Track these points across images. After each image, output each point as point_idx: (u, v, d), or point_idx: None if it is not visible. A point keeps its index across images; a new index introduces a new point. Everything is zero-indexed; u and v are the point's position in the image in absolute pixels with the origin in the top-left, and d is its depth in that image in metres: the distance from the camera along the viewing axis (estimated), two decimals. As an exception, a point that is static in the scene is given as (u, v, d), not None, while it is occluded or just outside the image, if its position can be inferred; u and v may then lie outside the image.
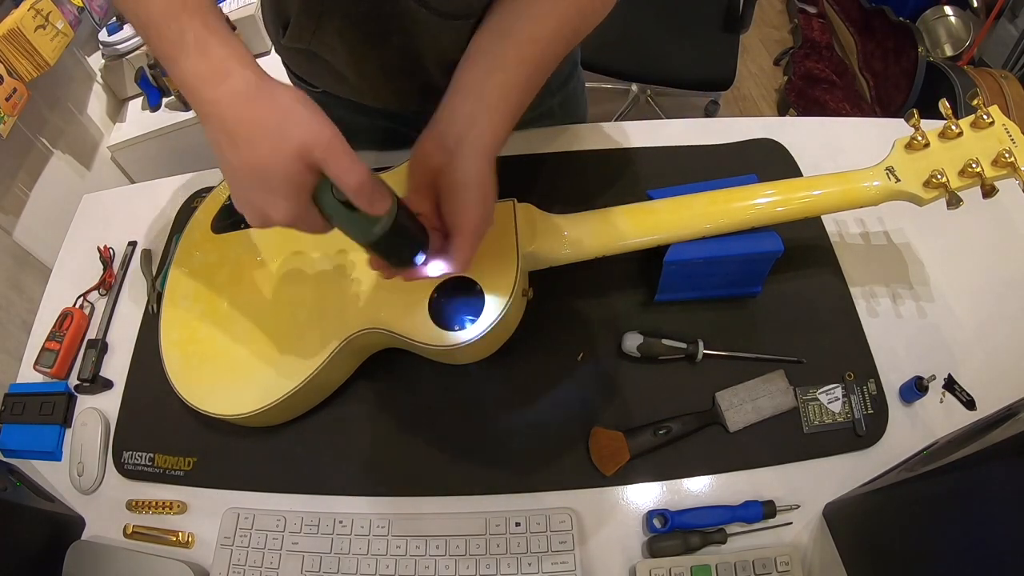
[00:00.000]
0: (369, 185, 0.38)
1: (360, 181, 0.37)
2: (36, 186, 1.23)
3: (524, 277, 0.58)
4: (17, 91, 1.10)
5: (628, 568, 0.55)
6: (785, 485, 0.57)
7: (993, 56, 1.78)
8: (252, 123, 0.37)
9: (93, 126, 1.44)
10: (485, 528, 0.55)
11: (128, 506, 0.61)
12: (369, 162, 0.71)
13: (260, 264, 0.63)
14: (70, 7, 1.24)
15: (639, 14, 1.55)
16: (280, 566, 0.55)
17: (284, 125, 0.37)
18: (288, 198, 0.38)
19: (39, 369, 0.69)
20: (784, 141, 0.76)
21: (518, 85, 0.49)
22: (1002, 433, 0.41)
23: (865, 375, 0.61)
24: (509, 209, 0.59)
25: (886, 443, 0.58)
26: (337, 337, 0.56)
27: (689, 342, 0.61)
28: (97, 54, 1.46)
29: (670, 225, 0.58)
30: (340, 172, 0.37)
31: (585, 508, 0.57)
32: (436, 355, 0.58)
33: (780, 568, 0.52)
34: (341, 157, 0.37)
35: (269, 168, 0.37)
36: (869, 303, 0.66)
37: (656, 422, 0.58)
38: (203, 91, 0.38)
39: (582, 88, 0.86)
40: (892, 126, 0.75)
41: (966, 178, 0.53)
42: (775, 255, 0.59)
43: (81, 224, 0.82)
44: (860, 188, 0.56)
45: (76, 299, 0.74)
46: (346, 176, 0.37)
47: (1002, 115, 0.54)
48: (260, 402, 0.55)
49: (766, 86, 2.09)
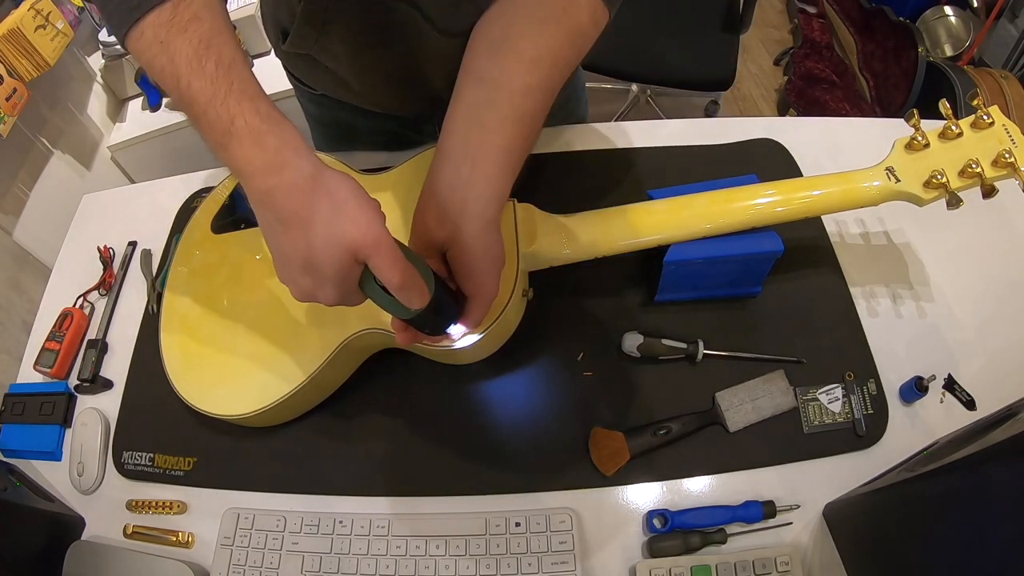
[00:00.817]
0: (410, 282, 0.39)
1: (402, 281, 0.38)
2: (36, 186, 1.23)
3: (524, 277, 0.58)
4: (17, 91, 1.10)
5: (628, 568, 0.55)
6: (785, 485, 0.57)
7: (993, 56, 1.78)
8: (306, 215, 0.38)
9: (93, 126, 1.44)
10: (485, 528, 0.55)
11: (128, 506, 0.61)
12: (371, 162, 0.71)
13: (260, 264, 0.63)
14: (70, 7, 1.24)
15: (639, 14, 1.55)
16: (280, 566, 0.55)
17: (337, 220, 0.38)
18: (336, 286, 0.39)
19: (39, 369, 0.69)
20: (784, 141, 0.76)
21: (515, 143, 0.46)
22: (1002, 433, 0.41)
23: (865, 375, 0.61)
24: (509, 209, 0.59)
25: (886, 443, 0.58)
26: (337, 337, 0.56)
27: (689, 342, 0.61)
28: (97, 54, 1.46)
29: (670, 225, 0.58)
30: (385, 270, 0.38)
31: (585, 508, 0.57)
32: (436, 355, 0.58)
33: (780, 568, 0.52)
34: (386, 256, 0.38)
35: (320, 260, 0.38)
36: (869, 303, 0.66)
37: (656, 422, 0.58)
38: (257, 181, 0.38)
39: (583, 88, 0.86)
40: (892, 126, 0.75)
41: (966, 178, 0.53)
42: (775, 255, 0.59)
43: (81, 224, 0.82)
44: (860, 188, 0.56)
45: (76, 299, 0.74)
46: (390, 274, 0.38)
47: (1002, 115, 0.54)
48: (260, 402, 0.55)
49: (766, 86, 2.09)
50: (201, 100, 0.38)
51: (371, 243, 0.38)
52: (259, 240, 0.63)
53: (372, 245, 0.38)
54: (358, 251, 0.38)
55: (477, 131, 0.46)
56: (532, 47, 0.47)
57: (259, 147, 0.38)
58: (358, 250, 0.38)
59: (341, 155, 0.74)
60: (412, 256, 0.41)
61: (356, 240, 0.37)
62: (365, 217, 0.38)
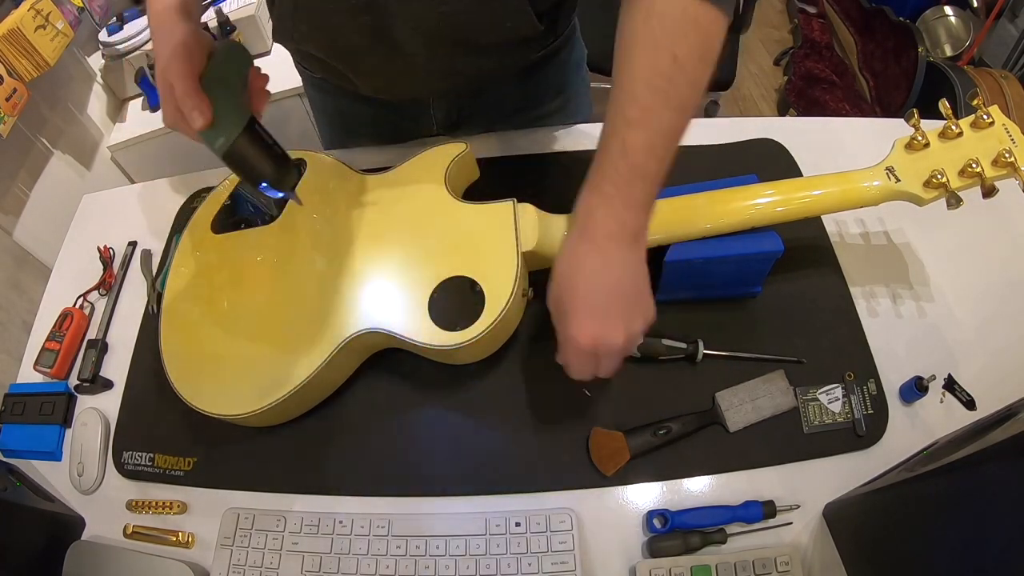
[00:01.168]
0: (189, 103, 0.46)
1: (180, 94, 0.46)
2: (36, 186, 1.23)
3: (524, 277, 0.58)
4: (17, 91, 1.10)
5: (628, 568, 0.55)
6: (785, 485, 0.57)
7: (993, 56, 1.78)
8: (158, 47, 0.51)
9: (93, 126, 1.43)
10: (485, 528, 0.55)
11: (128, 506, 0.61)
12: (371, 162, 0.71)
13: (260, 264, 0.63)
14: (70, 7, 1.24)
15: (639, 14, 1.55)
16: (280, 566, 0.55)
17: (162, 50, 0.50)
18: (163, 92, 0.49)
19: (39, 369, 0.69)
20: (784, 141, 0.76)
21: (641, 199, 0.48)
22: (1002, 433, 0.41)
23: (865, 375, 0.61)
24: (509, 209, 0.59)
25: (886, 443, 0.58)
26: (337, 337, 0.56)
27: (689, 342, 0.61)
28: (97, 54, 1.46)
29: (670, 225, 0.58)
30: (173, 83, 0.48)
31: (585, 508, 0.57)
32: (436, 355, 0.58)
33: (780, 568, 0.52)
34: (174, 76, 0.47)
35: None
36: (869, 303, 0.66)
37: (656, 422, 0.58)
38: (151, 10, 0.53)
39: (586, 89, 0.86)
40: (892, 126, 0.75)
41: (966, 178, 0.53)
42: (775, 255, 0.59)
43: (81, 224, 0.83)
44: (860, 188, 0.56)
45: (76, 299, 0.74)
46: (176, 87, 0.47)
47: (1002, 115, 0.54)
48: (260, 402, 0.55)
49: (766, 86, 2.09)
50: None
51: (169, 66, 0.47)
52: (260, 240, 0.64)
53: (169, 68, 0.47)
54: (164, 69, 0.48)
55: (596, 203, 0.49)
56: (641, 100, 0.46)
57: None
58: (164, 68, 0.48)
59: (343, 153, 0.75)
60: (223, 95, 0.47)
61: (164, 61, 0.48)
62: (169, 50, 0.48)
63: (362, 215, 0.63)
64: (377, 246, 0.60)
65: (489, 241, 0.58)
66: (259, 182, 0.50)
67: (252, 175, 0.49)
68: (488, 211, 0.60)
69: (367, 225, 0.62)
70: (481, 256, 0.57)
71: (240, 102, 0.49)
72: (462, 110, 0.77)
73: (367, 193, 0.64)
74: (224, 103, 0.47)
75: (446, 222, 0.60)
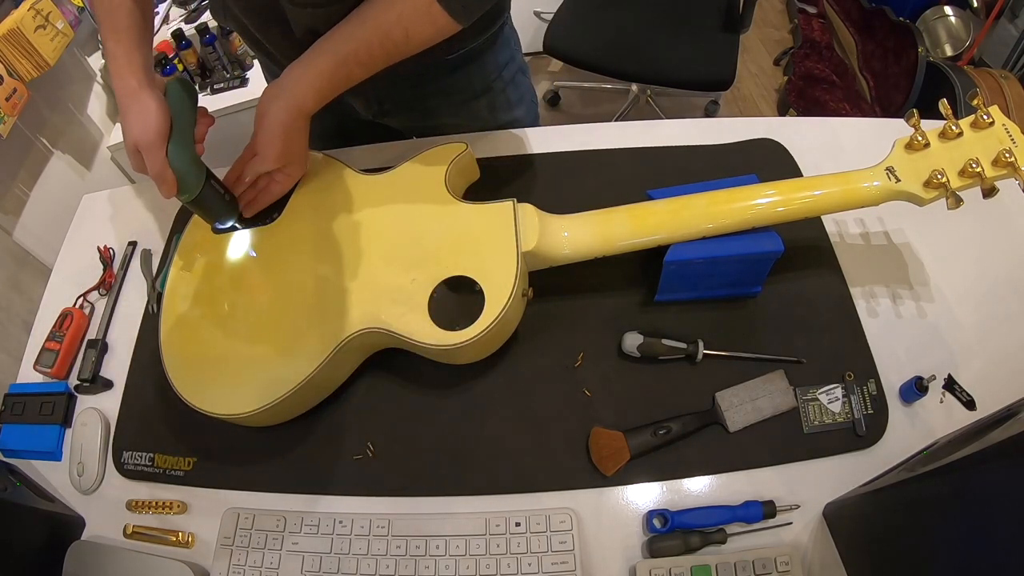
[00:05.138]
0: (160, 177, 0.53)
1: (154, 175, 0.53)
2: (36, 186, 1.23)
3: (524, 277, 0.58)
4: (17, 91, 1.10)
5: (628, 568, 0.55)
6: (785, 485, 0.57)
7: (993, 56, 1.78)
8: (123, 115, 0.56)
9: (93, 126, 1.43)
10: (485, 528, 0.55)
11: (128, 506, 0.61)
12: (372, 161, 0.71)
13: (260, 264, 0.63)
14: (70, 7, 1.24)
15: (639, 14, 1.55)
16: (280, 566, 0.55)
17: (127, 123, 0.55)
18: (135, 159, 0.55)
19: (39, 369, 0.69)
20: (784, 141, 0.76)
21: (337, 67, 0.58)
22: (1002, 433, 0.41)
23: (865, 375, 0.61)
24: (509, 209, 0.59)
25: (886, 443, 0.58)
26: (337, 337, 0.56)
27: (689, 342, 0.61)
28: (97, 54, 1.46)
29: (670, 225, 0.58)
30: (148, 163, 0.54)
31: (585, 508, 0.57)
32: (436, 355, 0.58)
33: (780, 568, 0.52)
34: (147, 154, 0.53)
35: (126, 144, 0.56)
36: (869, 303, 0.66)
37: (656, 422, 0.58)
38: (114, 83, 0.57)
39: (516, 88, 0.83)
40: (892, 126, 0.75)
41: (966, 178, 0.53)
42: (775, 255, 0.59)
43: (81, 224, 0.82)
44: (860, 188, 0.56)
45: (76, 299, 0.74)
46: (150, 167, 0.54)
47: (1002, 115, 0.54)
48: (260, 402, 0.55)
49: (766, 86, 2.09)
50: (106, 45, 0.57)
51: (142, 144, 0.53)
52: (259, 240, 0.64)
53: (141, 145, 0.53)
54: (136, 145, 0.54)
55: (315, 47, 0.58)
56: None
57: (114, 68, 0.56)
58: (136, 144, 0.54)
59: (342, 153, 0.75)
60: (186, 161, 0.54)
61: (135, 138, 0.53)
62: (141, 126, 0.53)
63: (362, 215, 0.63)
64: (377, 245, 0.60)
65: (489, 241, 0.58)
66: (214, 221, 0.62)
67: (208, 217, 0.61)
68: (488, 211, 0.60)
69: (367, 224, 0.62)
70: (481, 256, 0.57)
71: (196, 156, 0.56)
72: (383, 103, 0.79)
73: (367, 193, 0.64)
74: (185, 162, 0.55)
75: (446, 222, 0.60)
